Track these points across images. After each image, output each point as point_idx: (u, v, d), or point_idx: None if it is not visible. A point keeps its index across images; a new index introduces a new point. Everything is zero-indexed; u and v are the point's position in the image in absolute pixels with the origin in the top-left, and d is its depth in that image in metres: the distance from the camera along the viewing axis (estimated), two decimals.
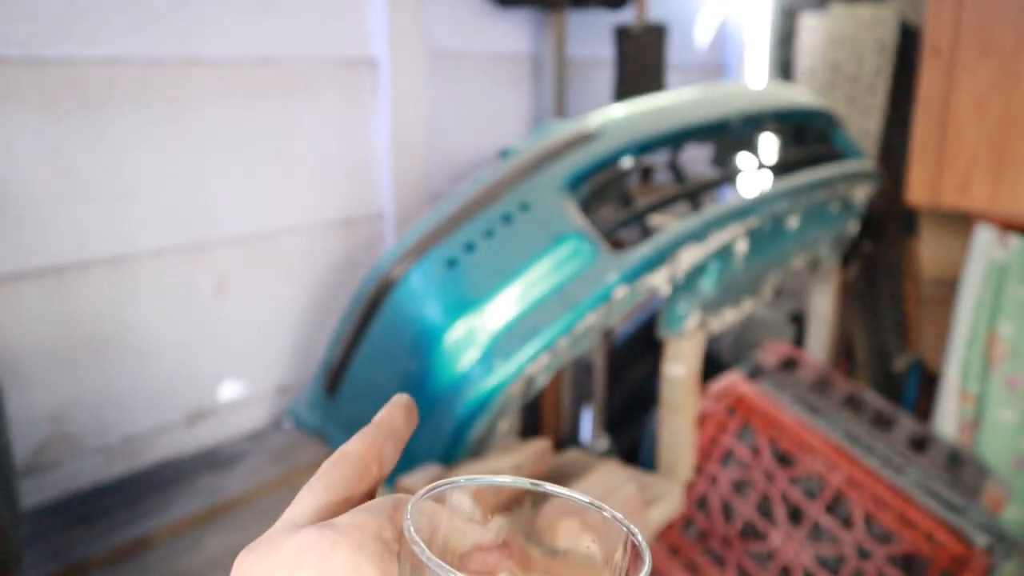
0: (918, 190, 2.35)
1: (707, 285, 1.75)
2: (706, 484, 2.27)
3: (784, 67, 3.42)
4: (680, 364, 1.78)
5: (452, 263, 1.56)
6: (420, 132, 2.23)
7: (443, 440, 1.52)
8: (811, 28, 3.24)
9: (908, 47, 2.94)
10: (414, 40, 2.19)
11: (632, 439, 2.55)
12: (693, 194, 1.94)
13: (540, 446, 1.39)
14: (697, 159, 2.61)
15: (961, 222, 2.54)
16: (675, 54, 3.14)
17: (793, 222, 2.01)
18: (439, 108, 2.32)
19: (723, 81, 3.54)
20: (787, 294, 3.11)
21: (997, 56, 2.20)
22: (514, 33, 2.51)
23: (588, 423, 2.34)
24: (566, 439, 2.36)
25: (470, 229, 1.60)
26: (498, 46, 2.48)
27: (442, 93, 2.33)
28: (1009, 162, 2.20)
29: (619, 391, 2.55)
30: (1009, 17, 2.17)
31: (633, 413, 2.57)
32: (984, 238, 2.28)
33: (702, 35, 3.35)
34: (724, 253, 1.77)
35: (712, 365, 2.58)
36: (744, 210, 1.79)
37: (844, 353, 3.19)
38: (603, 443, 2.30)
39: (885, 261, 3.10)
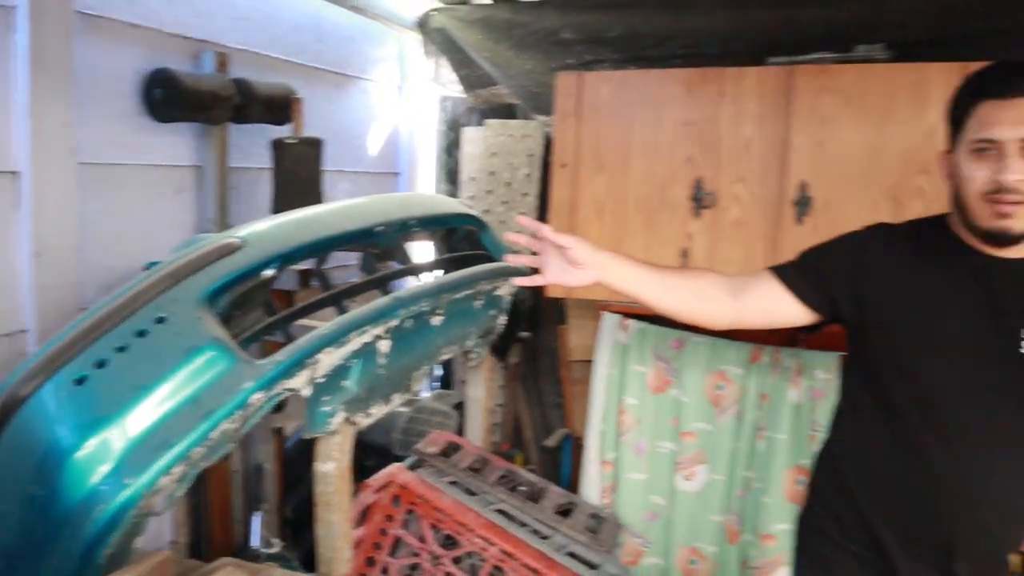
0: (556, 286, 2.66)
1: (350, 384, 1.87)
2: None
3: (452, 174, 3.74)
4: (329, 461, 1.87)
5: (82, 380, 1.55)
6: (68, 244, 2.18)
7: (72, 564, 1.48)
8: (472, 140, 3.59)
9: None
10: (62, 153, 2.15)
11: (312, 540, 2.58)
12: (337, 298, 2.07)
13: (160, 558, 1.40)
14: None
15: (598, 311, 2.90)
16: (348, 163, 3.33)
17: (437, 320, 2.20)
18: (93, 220, 2.28)
19: (396, 187, 3.78)
20: (456, 384, 3.35)
21: (609, 169, 2.60)
22: (176, 145, 2.55)
23: (258, 527, 2.35)
24: (238, 545, 2.34)
25: (102, 345, 1.60)
26: (159, 158, 2.49)
27: (97, 205, 2.29)
28: None
29: (296, 492, 2.58)
30: (617, 138, 2.58)
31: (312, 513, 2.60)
32: (609, 323, 2.64)
33: (374, 145, 3.58)
34: (366, 353, 1.90)
35: (384, 458, 2.70)
36: (384, 312, 1.94)
37: (514, 433, 3.46)
38: (275, 546, 2.31)
39: (544, 347, 3.44)
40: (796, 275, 1.56)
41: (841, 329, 1.59)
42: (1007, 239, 1.39)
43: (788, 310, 1.56)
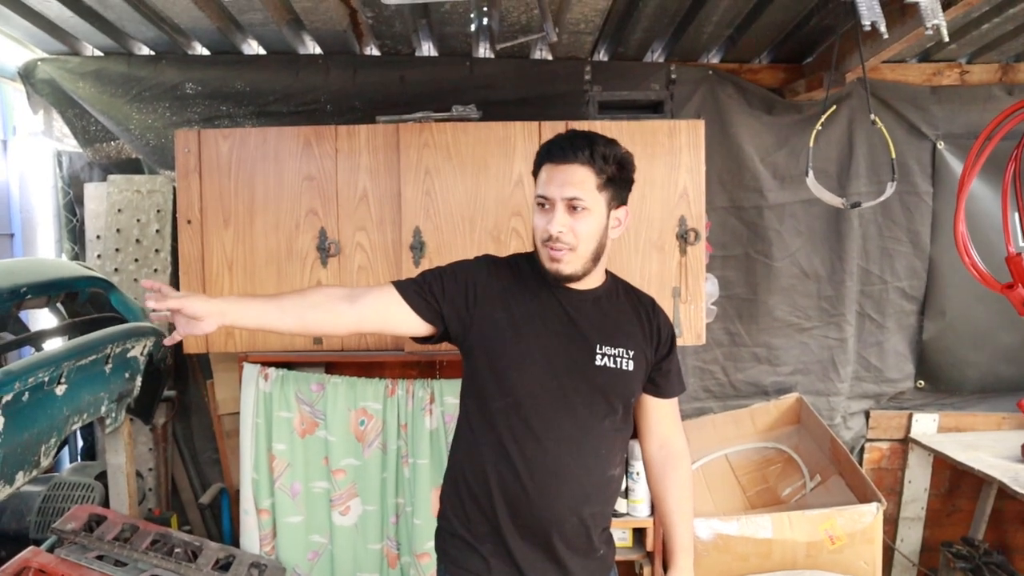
0: (192, 341, 2.66)
1: None
2: None
3: (76, 233, 3.53)
4: None
5: None
6: None
7: None
8: (94, 197, 3.43)
9: None
10: None
11: None
12: None
13: None
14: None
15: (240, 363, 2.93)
16: None
17: (61, 389, 2.12)
18: None
19: (11, 250, 3.49)
20: (100, 454, 3.18)
21: (236, 224, 2.65)
22: None
23: None
24: None
25: None
26: None
27: None
28: None
29: None
30: (241, 193, 2.65)
31: None
32: (249, 373, 2.69)
33: None
34: None
35: (21, 545, 2.49)
36: None
37: (171, 496, 3.36)
38: None
39: (194, 404, 3.38)
40: (414, 290, 1.76)
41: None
42: (561, 279, 1.74)
43: (404, 319, 1.75)
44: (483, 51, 3.29)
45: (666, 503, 1.91)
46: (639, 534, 2.80)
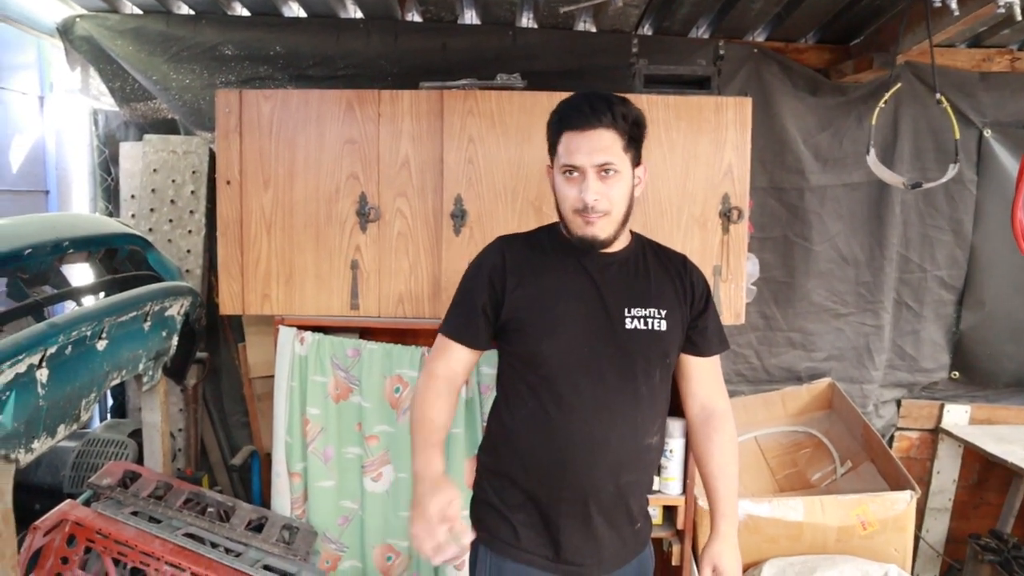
0: (228, 302, 2.66)
1: (5, 419, 1.75)
2: None
3: (110, 192, 3.53)
4: None
5: None
6: None
7: None
8: (130, 156, 3.42)
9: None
10: None
11: None
12: None
13: None
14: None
15: (275, 326, 2.92)
16: None
17: (102, 344, 2.11)
18: None
19: (46, 207, 3.49)
20: (131, 412, 3.18)
21: (275, 186, 2.64)
22: None
23: None
24: None
25: None
26: None
27: None
28: (294, 274, 2.63)
29: None
30: (281, 155, 2.63)
31: None
32: (285, 337, 2.68)
33: (15, 160, 3.27)
34: (22, 384, 1.79)
35: (54, 499, 2.51)
36: (39, 339, 1.83)
37: (200, 457, 3.37)
38: None
39: (225, 366, 3.39)
40: (467, 333, 1.81)
41: None
42: (596, 245, 1.73)
43: (477, 357, 1.85)
44: (526, 20, 3.25)
45: (708, 467, 1.87)
46: (670, 512, 2.79)
